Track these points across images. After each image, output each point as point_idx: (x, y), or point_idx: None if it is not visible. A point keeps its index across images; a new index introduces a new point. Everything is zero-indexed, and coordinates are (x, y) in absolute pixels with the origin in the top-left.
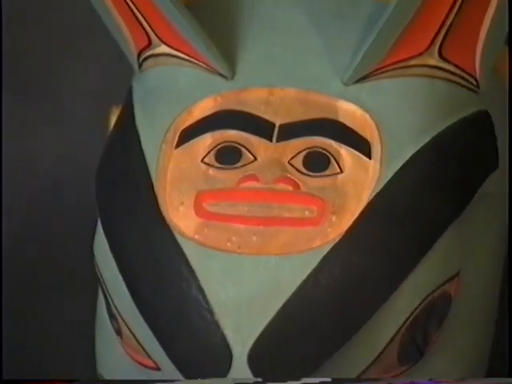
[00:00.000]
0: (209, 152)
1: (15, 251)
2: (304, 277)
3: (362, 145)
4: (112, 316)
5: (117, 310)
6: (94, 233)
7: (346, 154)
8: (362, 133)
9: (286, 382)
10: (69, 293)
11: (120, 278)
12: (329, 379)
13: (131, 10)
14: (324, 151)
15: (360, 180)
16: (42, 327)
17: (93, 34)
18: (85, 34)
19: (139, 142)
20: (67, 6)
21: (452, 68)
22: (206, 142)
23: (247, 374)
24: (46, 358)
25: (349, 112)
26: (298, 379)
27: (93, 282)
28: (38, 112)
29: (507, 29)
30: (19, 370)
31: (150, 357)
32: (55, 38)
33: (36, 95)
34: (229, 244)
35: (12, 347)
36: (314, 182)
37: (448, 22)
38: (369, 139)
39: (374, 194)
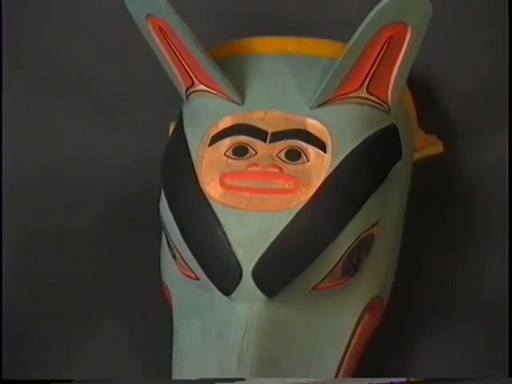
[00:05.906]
0: (228, 149)
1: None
2: (285, 224)
3: (320, 144)
4: (170, 247)
5: (173, 243)
6: (159, 198)
7: (311, 150)
8: (320, 137)
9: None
10: (68, 291)
11: (175, 225)
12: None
13: (180, 61)
14: (298, 148)
15: (319, 166)
16: (43, 327)
17: (160, 78)
18: (155, 76)
19: (186, 143)
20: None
21: (374, 98)
22: (226, 143)
23: (251, 283)
24: (46, 357)
25: (313, 125)
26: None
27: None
28: (122, 124)
29: (407, 74)
30: (19, 370)
31: (192, 271)
32: (131, 75)
33: (122, 115)
34: (240, 205)
35: (12, 347)
36: (292, 167)
37: (372, 71)
38: (324, 141)
39: (327, 175)
